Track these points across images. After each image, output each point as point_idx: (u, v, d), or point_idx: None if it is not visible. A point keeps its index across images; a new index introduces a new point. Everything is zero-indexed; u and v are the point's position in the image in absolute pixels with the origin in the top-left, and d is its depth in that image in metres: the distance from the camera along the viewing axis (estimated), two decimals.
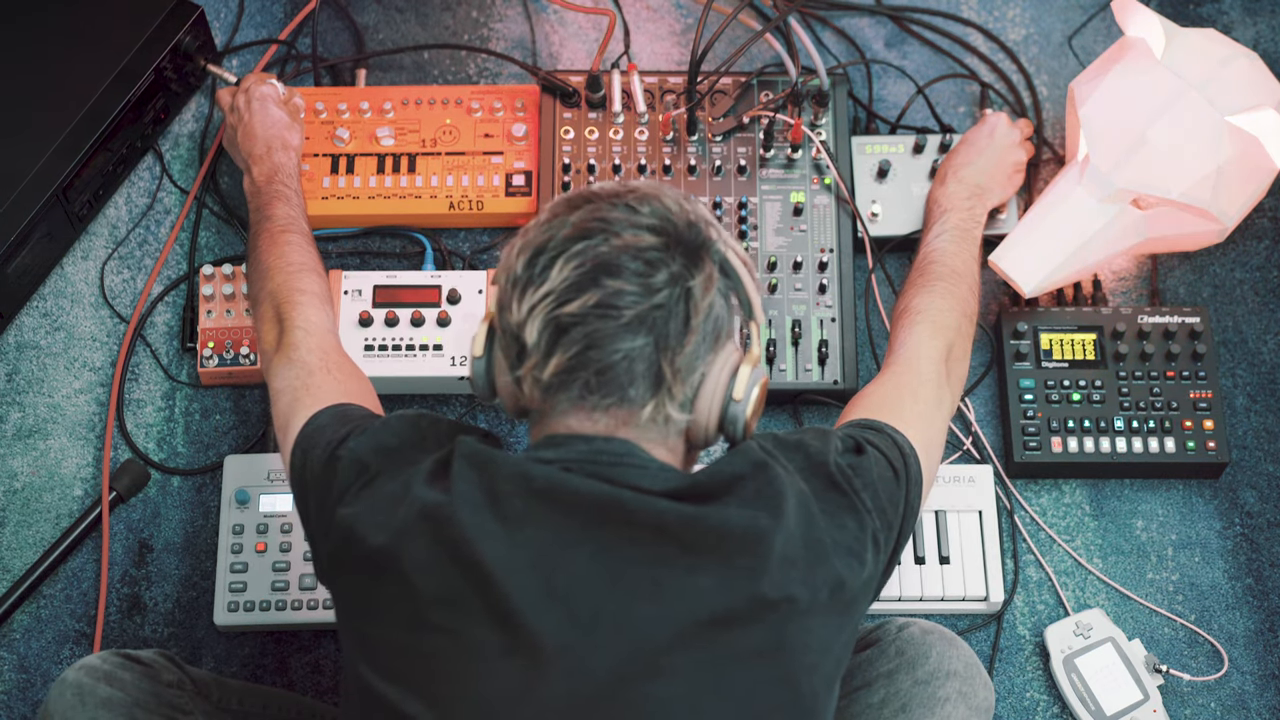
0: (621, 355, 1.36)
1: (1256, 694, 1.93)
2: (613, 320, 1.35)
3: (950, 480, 1.99)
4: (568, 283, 1.36)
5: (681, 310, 1.37)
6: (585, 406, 1.38)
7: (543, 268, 1.37)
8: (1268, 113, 1.94)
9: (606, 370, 1.36)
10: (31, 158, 2.04)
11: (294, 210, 1.92)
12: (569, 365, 1.36)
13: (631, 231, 1.37)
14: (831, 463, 1.44)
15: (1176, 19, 2.28)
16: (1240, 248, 2.19)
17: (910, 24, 2.35)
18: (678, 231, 1.39)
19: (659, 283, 1.36)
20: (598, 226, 1.38)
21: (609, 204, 1.40)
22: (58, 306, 2.14)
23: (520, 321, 1.38)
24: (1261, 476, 2.05)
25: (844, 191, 2.12)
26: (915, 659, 1.63)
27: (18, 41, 2.13)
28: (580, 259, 1.36)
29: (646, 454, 1.39)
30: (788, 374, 2.04)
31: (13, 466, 2.04)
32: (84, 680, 1.62)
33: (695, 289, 1.38)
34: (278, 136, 2.02)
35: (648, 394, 1.38)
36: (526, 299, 1.38)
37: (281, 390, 1.67)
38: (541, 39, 2.33)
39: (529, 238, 1.41)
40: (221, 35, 2.32)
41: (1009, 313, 2.08)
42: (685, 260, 1.38)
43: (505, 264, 1.42)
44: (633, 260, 1.36)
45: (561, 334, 1.36)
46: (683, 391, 1.39)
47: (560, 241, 1.38)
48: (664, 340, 1.37)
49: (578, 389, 1.37)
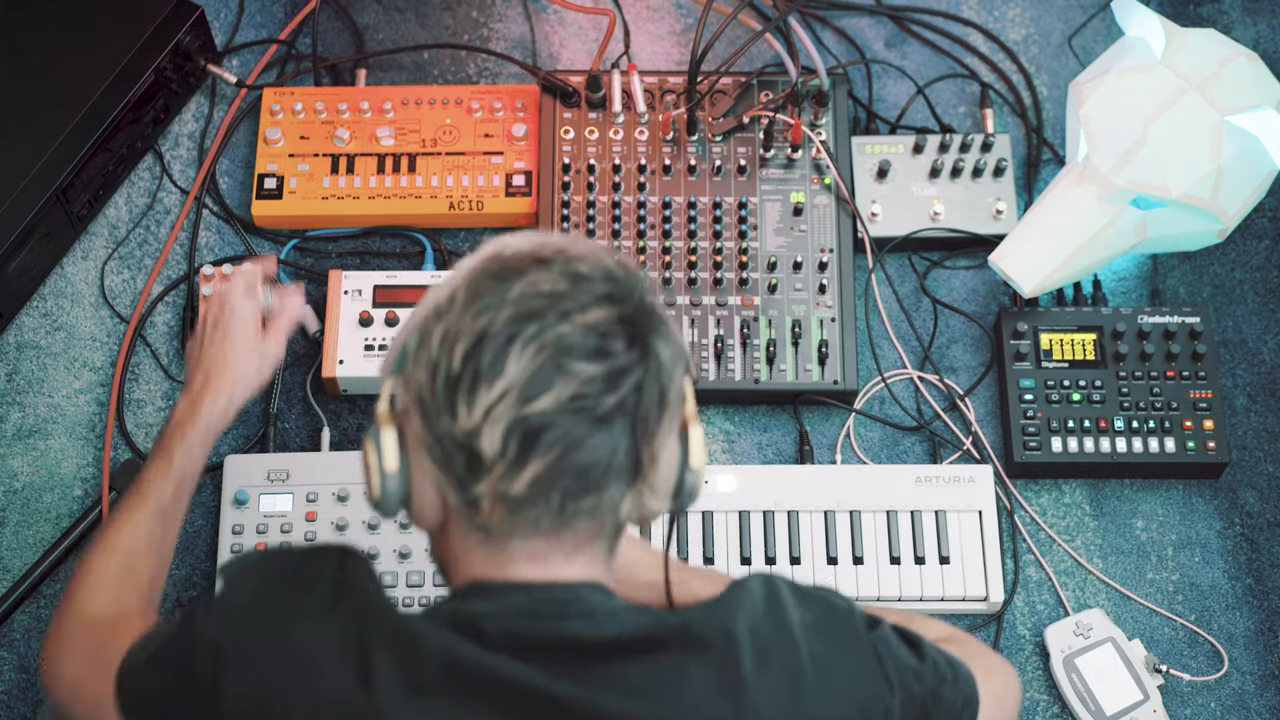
0: (603, 451, 1.18)
1: (1256, 694, 1.93)
2: (588, 413, 1.17)
3: (950, 480, 1.99)
4: (529, 375, 1.16)
5: (656, 385, 1.20)
6: (543, 528, 1.20)
7: (492, 360, 1.16)
8: (1268, 113, 1.94)
9: (586, 472, 1.18)
10: (31, 158, 2.04)
11: (167, 485, 1.58)
12: (546, 474, 1.17)
13: (586, 303, 1.19)
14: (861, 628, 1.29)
15: (1176, 19, 2.28)
16: (1240, 248, 2.19)
17: (910, 24, 2.35)
18: (629, 293, 1.21)
19: (627, 359, 1.19)
20: (545, 303, 1.18)
21: (541, 271, 1.20)
22: (58, 306, 2.14)
23: (472, 429, 1.16)
24: (1261, 476, 2.05)
25: (844, 191, 2.12)
26: None
27: (18, 41, 2.13)
28: (537, 344, 1.16)
29: (593, 590, 1.23)
30: (788, 374, 2.04)
31: (13, 466, 2.04)
32: None
33: (664, 356, 1.21)
34: (223, 369, 1.67)
35: (624, 488, 1.21)
36: (478, 400, 1.16)
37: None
38: (541, 39, 2.33)
39: (453, 323, 1.19)
40: (221, 35, 2.32)
41: (1009, 313, 2.08)
42: (645, 324, 1.21)
43: (426, 358, 1.20)
44: (596, 337, 1.18)
45: (533, 438, 1.16)
46: (655, 474, 1.22)
47: (505, 325, 1.17)
48: (643, 424, 1.19)
49: (557, 498, 1.18)
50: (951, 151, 2.18)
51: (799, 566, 1.95)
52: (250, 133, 2.25)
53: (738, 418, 2.08)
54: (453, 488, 1.20)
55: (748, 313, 2.07)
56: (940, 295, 2.16)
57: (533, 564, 1.22)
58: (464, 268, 1.23)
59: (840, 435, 2.06)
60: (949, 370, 2.12)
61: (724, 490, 1.98)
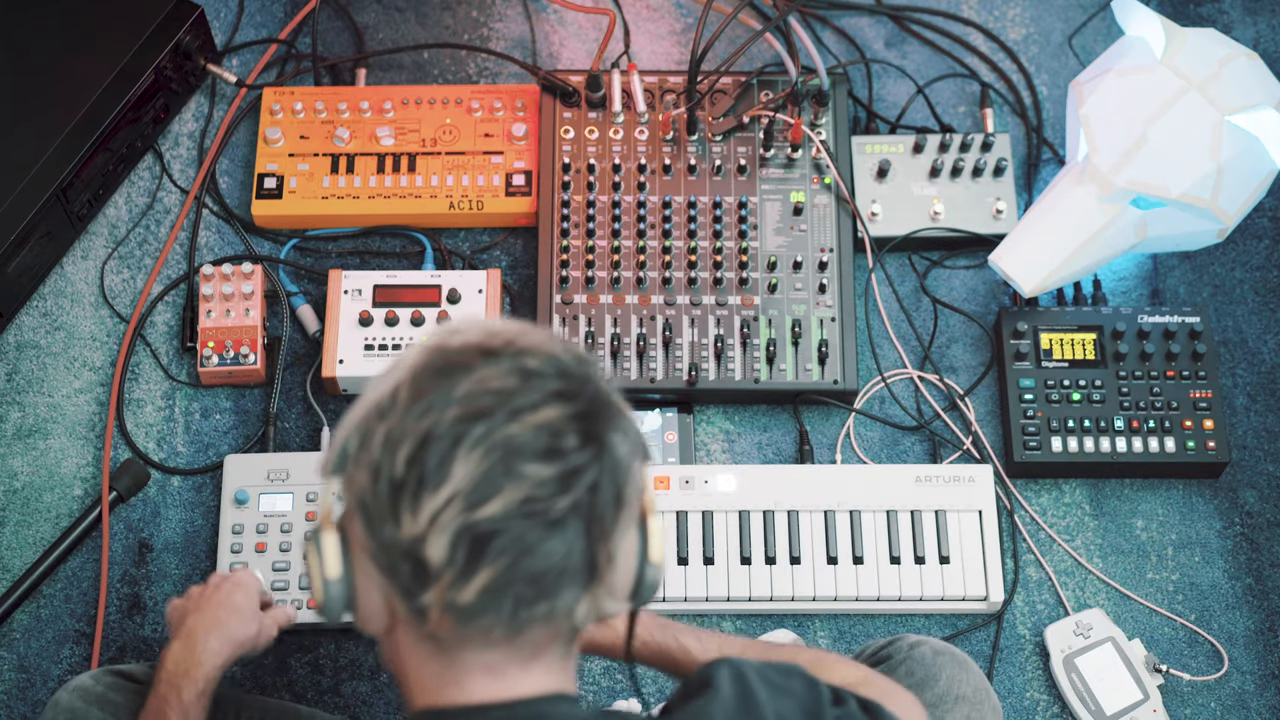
0: (557, 556, 1.12)
1: (1256, 694, 1.93)
2: (540, 517, 1.11)
3: (950, 480, 1.99)
4: (477, 479, 1.10)
5: (610, 483, 1.14)
6: (496, 637, 1.14)
7: (438, 463, 1.10)
8: (1268, 113, 1.93)
9: (539, 579, 1.12)
10: (31, 158, 2.04)
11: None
12: (496, 582, 1.11)
13: (537, 401, 1.13)
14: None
15: (1176, 19, 2.28)
16: (1240, 248, 2.19)
17: (910, 24, 2.35)
18: (583, 386, 1.15)
19: (582, 459, 1.12)
20: (493, 402, 1.12)
21: (489, 366, 1.14)
22: (58, 306, 2.14)
23: (417, 536, 1.10)
24: (1261, 476, 2.05)
25: (844, 191, 2.12)
26: (924, 680, 1.60)
27: (18, 41, 2.13)
28: (485, 446, 1.10)
29: (556, 702, 1.18)
30: (788, 374, 2.04)
31: (13, 466, 2.04)
32: (76, 704, 1.60)
33: (620, 452, 1.15)
34: (218, 619, 1.63)
35: (580, 592, 1.14)
36: (423, 506, 1.10)
37: None
38: (541, 39, 2.33)
39: (396, 423, 1.12)
40: (221, 35, 2.32)
41: (1009, 313, 2.08)
42: (600, 419, 1.14)
43: (368, 461, 1.13)
44: (548, 436, 1.11)
45: (482, 545, 1.10)
46: (612, 575, 1.16)
47: (450, 426, 1.11)
48: (598, 524, 1.13)
49: (509, 606, 1.12)
50: (951, 151, 2.18)
51: (799, 566, 1.95)
52: (250, 132, 2.25)
53: (738, 418, 2.08)
54: (399, 596, 1.14)
55: (748, 312, 2.07)
56: (940, 295, 2.16)
57: (488, 677, 1.17)
58: (407, 361, 1.16)
59: (840, 435, 2.06)
60: (949, 370, 2.12)
61: (724, 490, 1.98)
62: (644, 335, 2.05)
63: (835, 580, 1.94)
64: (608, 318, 2.06)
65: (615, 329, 2.06)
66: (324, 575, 1.20)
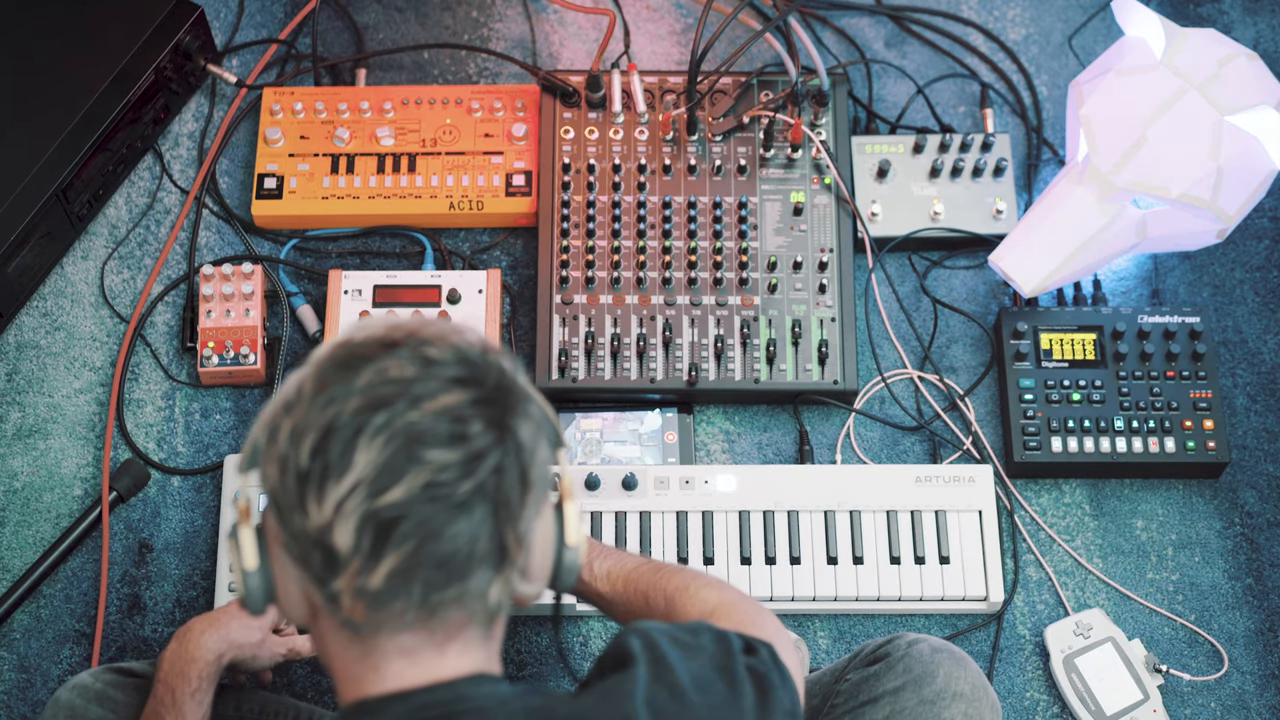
0: (464, 539, 1.14)
1: (1256, 694, 1.93)
2: (444, 501, 1.13)
3: (950, 480, 1.99)
4: (379, 466, 1.12)
5: (515, 466, 1.16)
6: (408, 625, 1.16)
7: (341, 453, 1.13)
8: (1268, 113, 1.94)
9: (447, 562, 1.14)
10: (31, 158, 2.04)
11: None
12: (403, 566, 1.13)
13: (437, 388, 1.15)
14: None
15: (1176, 19, 2.28)
16: (1240, 248, 2.19)
17: (910, 24, 2.35)
18: (485, 373, 1.17)
19: (485, 442, 1.15)
20: (393, 390, 1.14)
21: (390, 357, 1.16)
22: (58, 306, 2.14)
23: (324, 524, 1.13)
24: (1261, 476, 2.05)
25: (844, 191, 2.12)
26: (922, 678, 1.61)
27: (18, 41, 2.13)
28: (387, 434, 1.12)
29: (476, 682, 1.20)
30: (788, 374, 2.04)
31: (13, 466, 2.04)
32: (76, 702, 1.61)
33: (524, 436, 1.17)
34: (218, 620, 1.66)
35: (491, 574, 1.17)
36: (328, 495, 1.12)
37: None
38: (541, 39, 2.33)
39: (299, 418, 1.15)
40: (221, 35, 2.32)
41: (1009, 313, 2.08)
42: (503, 404, 1.17)
43: (276, 454, 1.16)
44: (449, 421, 1.14)
45: (387, 531, 1.12)
46: (523, 557, 1.19)
47: (351, 416, 1.13)
48: (505, 507, 1.15)
49: (418, 590, 1.14)
50: (951, 151, 2.18)
51: (799, 566, 1.95)
52: (250, 133, 2.25)
53: (738, 418, 2.08)
54: (313, 585, 1.17)
55: (748, 313, 2.07)
56: (940, 295, 2.16)
57: (404, 660, 1.18)
58: (313, 358, 1.19)
59: (840, 435, 2.06)
60: (949, 370, 2.12)
61: (724, 490, 1.98)
62: (644, 335, 2.05)
63: (835, 580, 1.94)
64: (608, 318, 2.06)
65: (615, 329, 2.06)
66: (243, 567, 1.24)
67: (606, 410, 2.05)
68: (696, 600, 1.51)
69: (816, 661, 1.93)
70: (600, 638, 1.94)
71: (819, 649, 1.94)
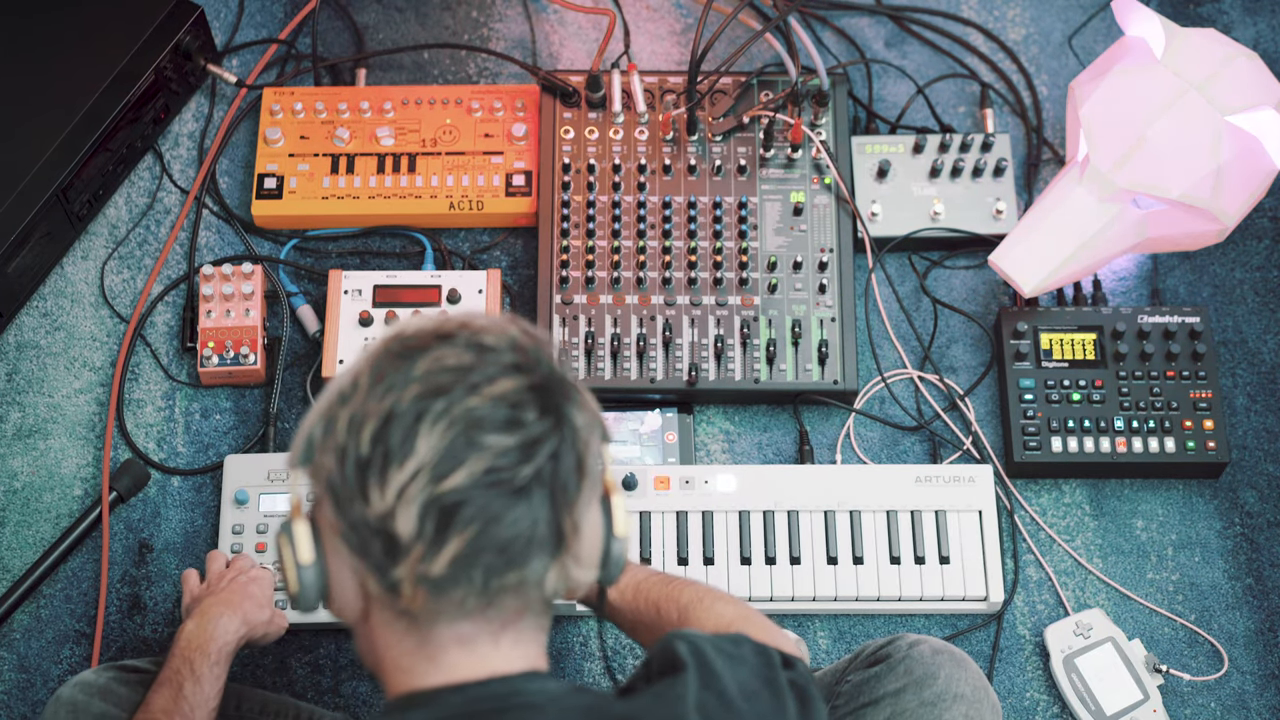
0: (524, 524, 1.15)
1: (1256, 694, 1.93)
2: (505, 485, 1.14)
3: (950, 480, 1.99)
4: (440, 452, 1.13)
5: (572, 453, 1.18)
6: (467, 613, 1.17)
7: (402, 439, 1.14)
8: (1268, 113, 1.94)
9: (508, 547, 1.15)
10: (31, 158, 2.04)
11: (172, 706, 1.58)
12: (466, 552, 1.14)
13: (494, 374, 1.17)
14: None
15: (1176, 19, 2.28)
16: (1240, 248, 2.19)
17: (910, 24, 2.35)
18: (537, 362, 1.19)
19: (541, 429, 1.16)
20: (451, 378, 1.16)
21: (445, 346, 1.18)
22: (58, 306, 2.14)
23: (386, 511, 1.14)
24: (1261, 476, 2.05)
25: (844, 191, 2.12)
26: (923, 679, 1.61)
27: (18, 42, 2.13)
28: (447, 420, 1.14)
29: (530, 679, 1.20)
30: (788, 374, 2.04)
31: (13, 466, 2.04)
32: (78, 697, 1.61)
33: (579, 423, 1.19)
34: (233, 602, 1.69)
35: (548, 560, 1.18)
36: (390, 482, 1.14)
37: None
38: (541, 39, 2.33)
39: (358, 406, 1.17)
40: (221, 35, 2.32)
41: (1009, 313, 2.08)
42: (557, 391, 1.19)
43: (334, 444, 1.17)
44: (507, 408, 1.15)
45: (449, 516, 1.13)
46: (578, 544, 1.20)
47: (411, 403, 1.15)
48: (562, 493, 1.17)
49: (479, 576, 1.15)
50: (951, 151, 2.18)
51: (799, 566, 1.95)
52: (250, 133, 2.25)
53: (738, 418, 2.08)
54: (372, 574, 1.17)
55: (748, 313, 2.07)
56: (940, 295, 2.16)
57: (461, 650, 1.19)
58: (366, 353, 1.21)
59: (840, 435, 2.06)
60: (949, 370, 2.12)
61: (724, 490, 1.98)
62: (644, 335, 2.05)
63: (835, 580, 1.94)
64: (608, 318, 2.06)
65: (615, 329, 2.06)
66: (297, 561, 1.23)
67: (606, 410, 2.05)
68: (712, 614, 1.52)
69: (816, 662, 1.93)
70: (600, 637, 1.94)
71: (819, 649, 1.94)
